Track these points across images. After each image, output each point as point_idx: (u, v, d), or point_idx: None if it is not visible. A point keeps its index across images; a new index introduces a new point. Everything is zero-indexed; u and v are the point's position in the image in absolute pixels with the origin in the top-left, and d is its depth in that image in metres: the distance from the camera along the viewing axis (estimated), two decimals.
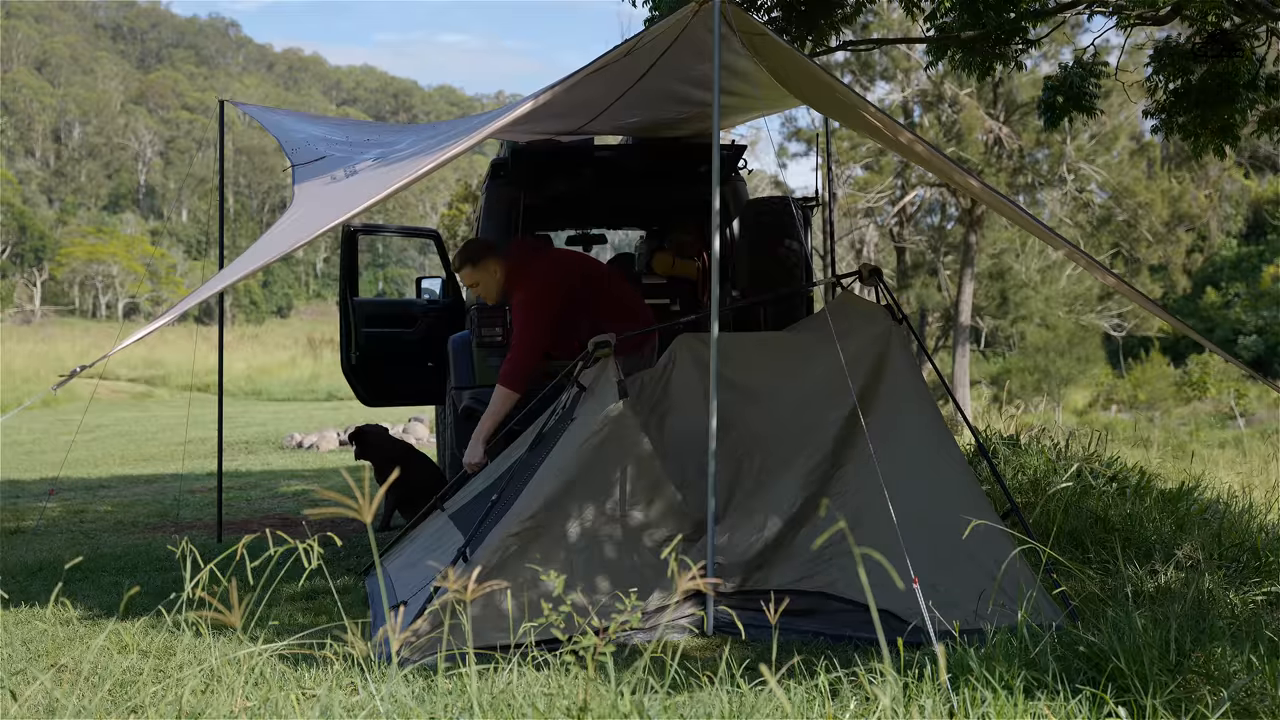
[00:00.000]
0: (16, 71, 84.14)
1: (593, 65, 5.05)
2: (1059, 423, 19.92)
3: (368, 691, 3.08)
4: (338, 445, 14.35)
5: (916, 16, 8.46)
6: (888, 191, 30.80)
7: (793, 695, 3.19)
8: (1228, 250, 42.34)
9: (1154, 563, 5.32)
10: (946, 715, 3.07)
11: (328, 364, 30.22)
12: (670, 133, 7.37)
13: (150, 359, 31.57)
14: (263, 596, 4.49)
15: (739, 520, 4.70)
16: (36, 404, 21.51)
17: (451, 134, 5.21)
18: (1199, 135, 8.07)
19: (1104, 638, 3.54)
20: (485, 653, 3.76)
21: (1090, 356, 34.60)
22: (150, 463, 12.66)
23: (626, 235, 13.92)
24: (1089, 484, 6.91)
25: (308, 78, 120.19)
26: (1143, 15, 7.64)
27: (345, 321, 8.44)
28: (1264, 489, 8.92)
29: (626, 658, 4.01)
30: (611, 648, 3.09)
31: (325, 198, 5.20)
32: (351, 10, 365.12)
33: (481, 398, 7.22)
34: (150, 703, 3.20)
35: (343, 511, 2.45)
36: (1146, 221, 30.25)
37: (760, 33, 5.18)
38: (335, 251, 56.78)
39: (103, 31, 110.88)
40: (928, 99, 29.63)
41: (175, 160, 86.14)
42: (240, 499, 9.27)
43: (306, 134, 6.51)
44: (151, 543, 6.97)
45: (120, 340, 4.46)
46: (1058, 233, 6.40)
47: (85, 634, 4.52)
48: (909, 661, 3.35)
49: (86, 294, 61.15)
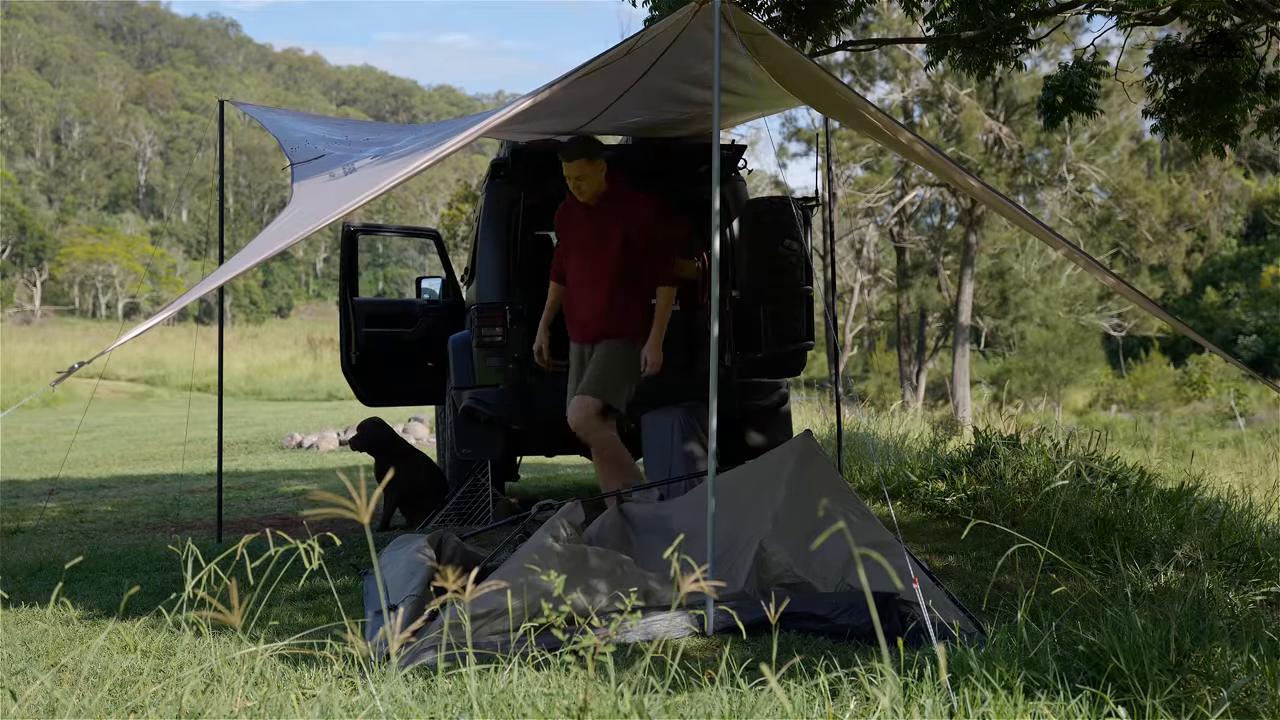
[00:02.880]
0: (16, 71, 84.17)
1: (592, 64, 5.05)
2: (1059, 423, 19.92)
3: (368, 691, 3.08)
4: (337, 445, 14.35)
5: (916, 16, 8.46)
6: (888, 191, 30.81)
7: (793, 695, 3.19)
8: (1228, 250, 42.36)
9: (1154, 563, 5.32)
10: (946, 715, 3.07)
11: (328, 364, 30.23)
12: (670, 133, 7.37)
13: (150, 359, 31.59)
14: (263, 596, 4.49)
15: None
16: (36, 404, 21.52)
17: (451, 133, 5.21)
18: (1199, 135, 8.07)
19: (1104, 638, 3.54)
20: (485, 653, 3.76)
21: (1090, 356, 34.62)
22: (150, 463, 12.66)
23: None
24: (1089, 484, 6.91)
25: (308, 78, 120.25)
26: (1143, 15, 7.64)
27: (345, 321, 8.44)
28: (1264, 489, 8.92)
29: (627, 658, 4.01)
30: (611, 648, 3.09)
31: (324, 195, 5.20)
32: (352, 10, 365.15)
33: (481, 398, 7.23)
34: (150, 703, 3.20)
35: (341, 512, 2.45)
36: (1146, 221, 30.26)
37: (760, 32, 5.18)
38: (335, 251, 56.82)
39: (103, 31, 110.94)
40: (928, 99, 29.65)
41: (175, 160, 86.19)
42: (240, 499, 9.27)
43: (306, 133, 6.51)
44: (151, 543, 6.97)
45: (119, 337, 4.46)
46: (1058, 233, 6.40)
47: (85, 634, 4.52)
48: (909, 661, 3.35)
49: (86, 294, 61.18)
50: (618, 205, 6.24)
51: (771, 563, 4.77)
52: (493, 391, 7.15)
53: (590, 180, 6.18)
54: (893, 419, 13.21)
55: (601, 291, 6.20)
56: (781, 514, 4.95)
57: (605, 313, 6.21)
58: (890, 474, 8.75)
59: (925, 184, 30.05)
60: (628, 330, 6.24)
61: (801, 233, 7.29)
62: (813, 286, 7.48)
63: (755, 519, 5.01)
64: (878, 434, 11.24)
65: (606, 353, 6.23)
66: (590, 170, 6.16)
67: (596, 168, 6.18)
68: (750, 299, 7.26)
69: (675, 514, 5.41)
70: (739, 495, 5.20)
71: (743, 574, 4.75)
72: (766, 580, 4.74)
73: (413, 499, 7.41)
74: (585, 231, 6.29)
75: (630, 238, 6.19)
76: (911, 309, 34.02)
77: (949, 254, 32.37)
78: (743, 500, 5.17)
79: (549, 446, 8.03)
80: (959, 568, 5.86)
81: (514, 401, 7.15)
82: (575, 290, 6.36)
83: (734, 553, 4.92)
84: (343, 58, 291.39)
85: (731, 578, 4.74)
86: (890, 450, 10.13)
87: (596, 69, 5.09)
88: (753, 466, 5.52)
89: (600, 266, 6.21)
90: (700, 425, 6.89)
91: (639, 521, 5.50)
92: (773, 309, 7.26)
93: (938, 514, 7.55)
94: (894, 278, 34.22)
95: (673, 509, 5.54)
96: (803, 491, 5.03)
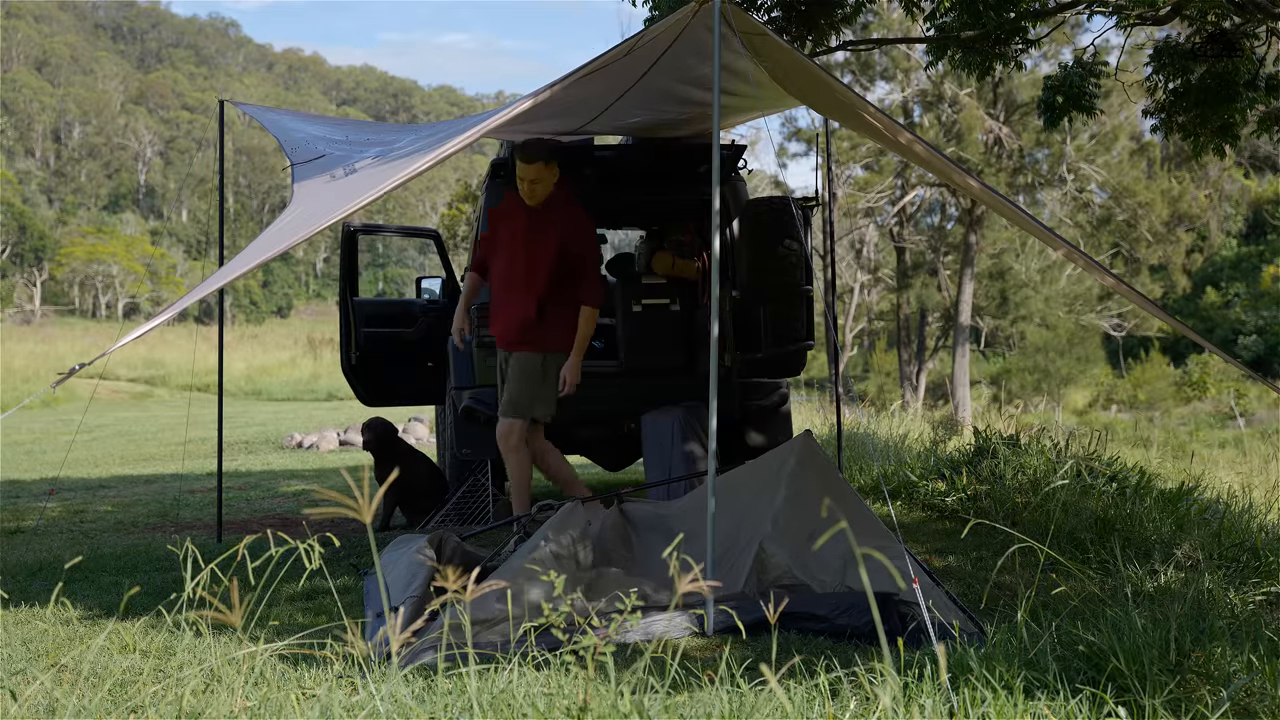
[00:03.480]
0: (16, 71, 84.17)
1: (592, 65, 5.05)
2: (1059, 423, 19.93)
3: (368, 691, 3.08)
4: (338, 445, 14.35)
5: (916, 16, 8.46)
6: (888, 191, 30.81)
7: (793, 695, 3.19)
8: (1228, 250, 42.35)
9: (1154, 563, 5.32)
10: (946, 715, 3.07)
11: (328, 364, 30.22)
12: (670, 133, 7.37)
13: (150, 359, 31.58)
14: (263, 596, 4.49)
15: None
16: (36, 404, 21.52)
17: (451, 133, 5.21)
18: (1199, 135, 8.07)
19: (1104, 638, 3.54)
20: (485, 653, 3.76)
21: (1090, 356, 34.61)
22: (150, 463, 12.66)
23: (626, 235, 13.92)
24: (1089, 484, 6.91)
25: (308, 78, 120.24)
26: (1143, 15, 7.64)
27: (345, 321, 8.44)
28: (1264, 489, 8.92)
29: (627, 658, 4.01)
30: (611, 648, 3.09)
31: (324, 196, 5.20)
32: (352, 10, 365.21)
33: (481, 398, 7.23)
34: (150, 703, 3.20)
35: (342, 511, 2.46)
36: (1146, 221, 30.26)
37: (760, 33, 5.18)
38: (335, 251, 56.81)
39: (103, 31, 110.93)
40: (928, 99, 29.65)
41: (175, 160, 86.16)
42: (240, 499, 9.27)
43: (306, 133, 6.51)
44: (151, 543, 6.97)
45: (119, 338, 4.46)
46: (1057, 233, 6.40)
47: (85, 634, 4.52)
48: (909, 661, 3.35)
49: (86, 294, 61.17)
50: (560, 213, 6.18)
51: (771, 564, 4.77)
52: (493, 391, 7.15)
53: (544, 184, 6.12)
54: (893, 419, 13.21)
55: (531, 299, 6.12)
56: (781, 515, 4.95)
57: (532, 322, 6.13)
58: (890, 474, 8.75)
59: (925, 184, 30.05)
60: (549, 344, 6.19)
61: (801, 233, 7.29)
62: (813, 286, 7.48)
63: (755, 520, 5.01)
64: (878, 434, 11.24)
65: (524, 369, 6.18)
66: (546, 174, 6.11)
67: (552, 172, 6.13)
68: (750, 299, 7.26)
69: (675, 514, 5.41)
70: (739, 495, 5.19)
71: (742, 574, 4.75)
72: (766, 582, 4.74)
73: (413, 499, 7.41)
74: (523, 235, 6.18)
75: (566, 248, 6.13)
76: (911, 309, 34.02)
77: (949, 254, 32.36)
78: (743, 500, 5.17)
79: None
80: (959, 568, 5.86)
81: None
82: (502, 293, 6.26)
83: (734, 553, 4.93)
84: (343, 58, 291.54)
85: (731, 578, 4.74)
86: (890, 450, 10.13)
87: (597, 69, 5.10)
88: (753, 466, 5.51)
89: (533, 273, 6.14)
90: (700, 425, 6.89)
91: (639, 522, 5.50)
92: (773, 309, 7.26)
93: (938, 514, 7.55)
94: (894, 278, 34.21)
95: (673, 509, 5.55)
96: (802, 492, 5.03)
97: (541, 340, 6.17)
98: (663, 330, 7.32)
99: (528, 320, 6.13)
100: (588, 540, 5.06)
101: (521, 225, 6.19)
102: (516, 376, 6.18)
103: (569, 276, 6.16)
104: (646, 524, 5.47)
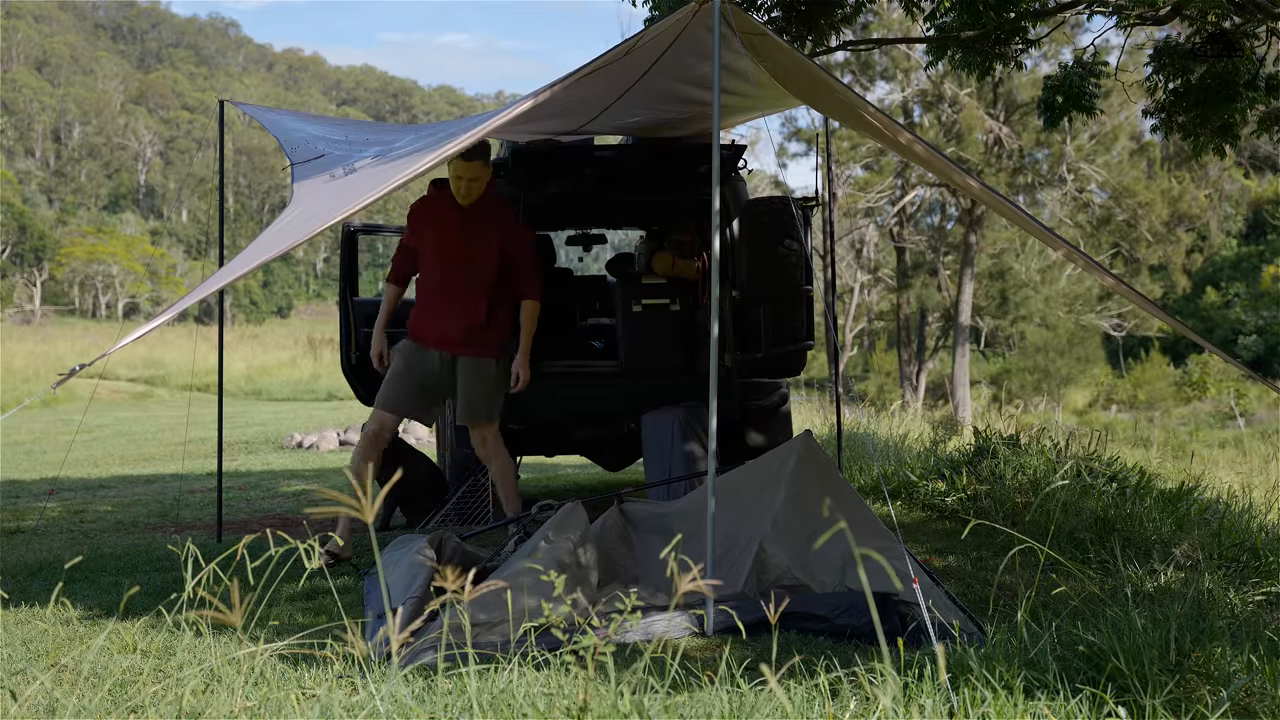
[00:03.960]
0: (16, 71, 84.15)
1: (592, 64, 5.05)
2: (1059, 423, 19.92)
3: (368, 691, 3.08)
4: (338, 445, 14.35)
5: (916, 16, 8.46)
6: (888, 191, 30.80)
7: (793, 695, 3.19)
8: (1228, 250, 42.35)
9: (1154, 563, 5.33)
10: (946, 715, 3.07)
11: (328, 364, 30.20)
12: (670, 133, 7.37)
13: (150, 359, 31.57)
14: (263, 596, 4.49)
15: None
16: (36, 404, 21.51)
17: (451, 133, 5.21)
18: (1199, 135, 8.07)
19: (1104, 638, 3.54)
20: (485, 653, 3.76)
21: (1090, 356, 34.61)
22: (150, 463, 12.66)
23: (626, 235, 13.92)
24: (1089, 484, 6.91)
25: (308, 78, 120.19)
26: (1143, 15, 7.64)
27: (345, 321, 8.43)
28: (1264, 489, 8.92)
29: (627, 658, 4.01)
30: (611, 648, 3.09)
31: (324, 196, 5.20)
32: (352, 10, 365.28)
33: None
34: (150, 703, 3.20)
35: (345, 511, 2.46)
36: (1146, 221, 30.26)
37: (760, 33, 5.18)
38: (335, 251, 56.77)
39: (103, 31, 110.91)
40: (928, 99, 29.64)
41: (175, 160, 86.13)
42: (240, 499, 9.27)
43: (306, 133, 6.50)
44: (151, 543, 6.97)
45: (120, 339, 4.46)
46: (1057, 233, 6.40)
47: (85, 634, 4.52)
48: (909, 661, 3.35)
49: (86, 294, 61.14)
50: (495, 212, 6.18)
51: (771, 564, 4.77)
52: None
53: (480, 184, 6.11)
54: (893, 419, 13.21)
55: (476, 303, 6.10)
56: (781, 515, 4.95)
57: (481, 325, 6.11)
58: (890, 474, 8.75)
59: (925, 184, 30.04)
60: (498, 346, 6.22)
61: (801, 233, 7.29)
62: (813, 286, 7.48)
63: (755, 520, 5.01)
64: (878, 434, 11.24)
65: (480, 374, 6.17)
66: (484, 174, 6.09)
67: (488, 173, 6.13)
68: (750, 299, 7.26)
69: (675, 514, 5.41)
70: (739, 495, 5.19)
71: (742, 575, 4.75)
72: (766, 582, 4.74)
73: (413, 499, 7.41)
74: (458, 237, 6.13)
75: (505, 248, 6.14)
76: (911, 309, 34.01)
77: (949, 254, 32.36)
78: (743, 501, 5.17)
79: (549, 446, 8.03)
80: (959, 568, 5.86)
81: (513, 401, 7.15)
82: (440, 298, 6.17)
83: (734, 553, 4.93)
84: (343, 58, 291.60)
85: (731, 578, 4.74)
86: (890, 450, 10.13)
87: (597, 69, 5.10)
88: (753, 467, 5.51)
89: (475, 275, 6.11)
90: (700, 425, 6.89)
91: (639, 522, 5.50)
92: (773, 309, 7.25)
93: (938, 514, 7.55)
94: (894, 278, 34.20)
95: (673, 509, 5.55)
96: (803, 492, 5.03)
97: (490, 343, 6.20)
98: (663, 330, 7.31)
99: (476, 323, 6.12)
100: (588, 541, 5.06)
101: (454, 229, 6.15)
102: (473, 383, 6.18)
103: (505, 277, 6.22)
104: (646, 524, 5.47)
